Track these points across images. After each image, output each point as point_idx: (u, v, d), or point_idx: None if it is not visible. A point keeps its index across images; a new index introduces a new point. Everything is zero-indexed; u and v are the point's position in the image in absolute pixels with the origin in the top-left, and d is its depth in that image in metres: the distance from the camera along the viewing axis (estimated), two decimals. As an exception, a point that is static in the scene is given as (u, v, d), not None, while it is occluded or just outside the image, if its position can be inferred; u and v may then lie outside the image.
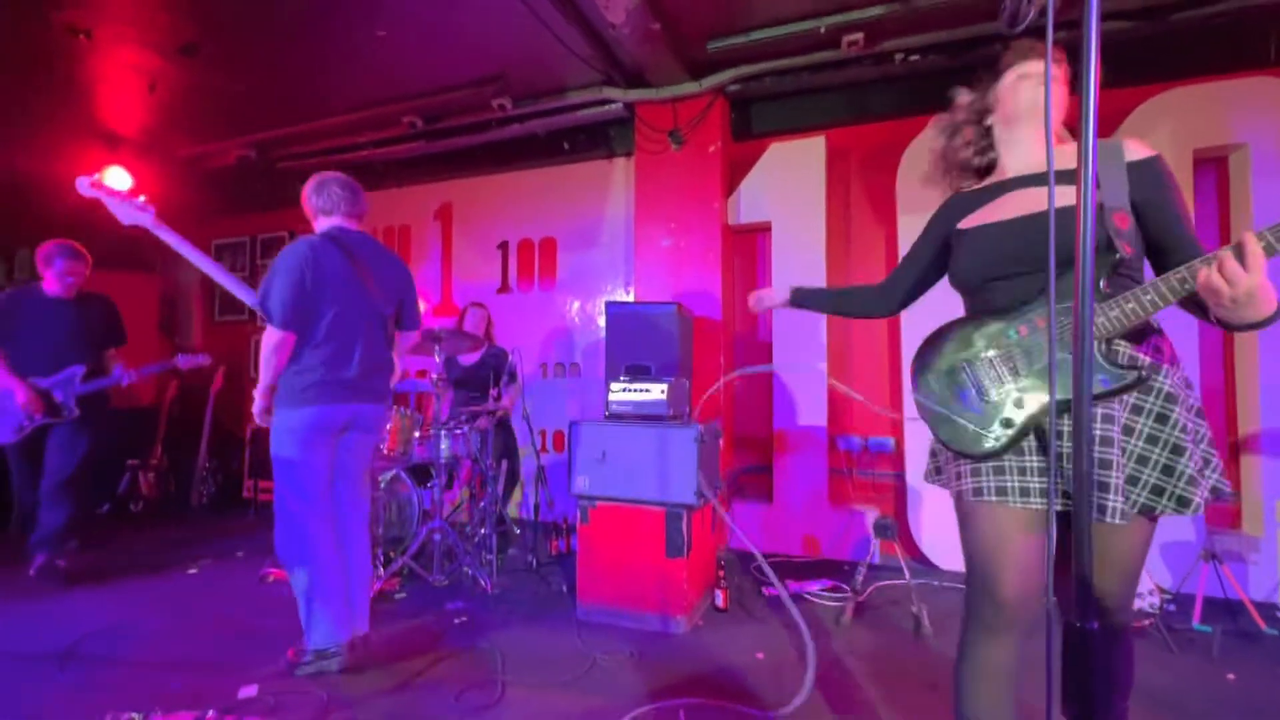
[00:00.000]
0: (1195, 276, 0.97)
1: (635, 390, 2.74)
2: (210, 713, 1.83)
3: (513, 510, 4.10)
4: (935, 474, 1.40)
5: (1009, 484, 1.19)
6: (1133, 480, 1.13)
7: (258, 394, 2.10)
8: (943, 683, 2.10)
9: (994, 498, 1.20)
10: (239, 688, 2.01)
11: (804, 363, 3.68)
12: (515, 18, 3.09)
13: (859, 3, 3.08)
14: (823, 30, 3.20)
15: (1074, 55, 0.68)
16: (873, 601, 2.87)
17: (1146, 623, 2.50)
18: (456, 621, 2.60)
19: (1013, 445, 1.17)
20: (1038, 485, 1.17)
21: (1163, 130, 3.05)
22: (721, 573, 2.83)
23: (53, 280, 3.16)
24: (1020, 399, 1.17)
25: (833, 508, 3.63)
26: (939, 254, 1.42)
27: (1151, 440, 1.14)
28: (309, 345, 2.10)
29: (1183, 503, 1.11)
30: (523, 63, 3.64)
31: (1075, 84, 1.21)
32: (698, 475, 2.50)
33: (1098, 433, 1.12)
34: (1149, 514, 1.14)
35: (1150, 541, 1.19)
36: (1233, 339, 3.11)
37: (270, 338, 2.03)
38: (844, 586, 3.00)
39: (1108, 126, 3.17)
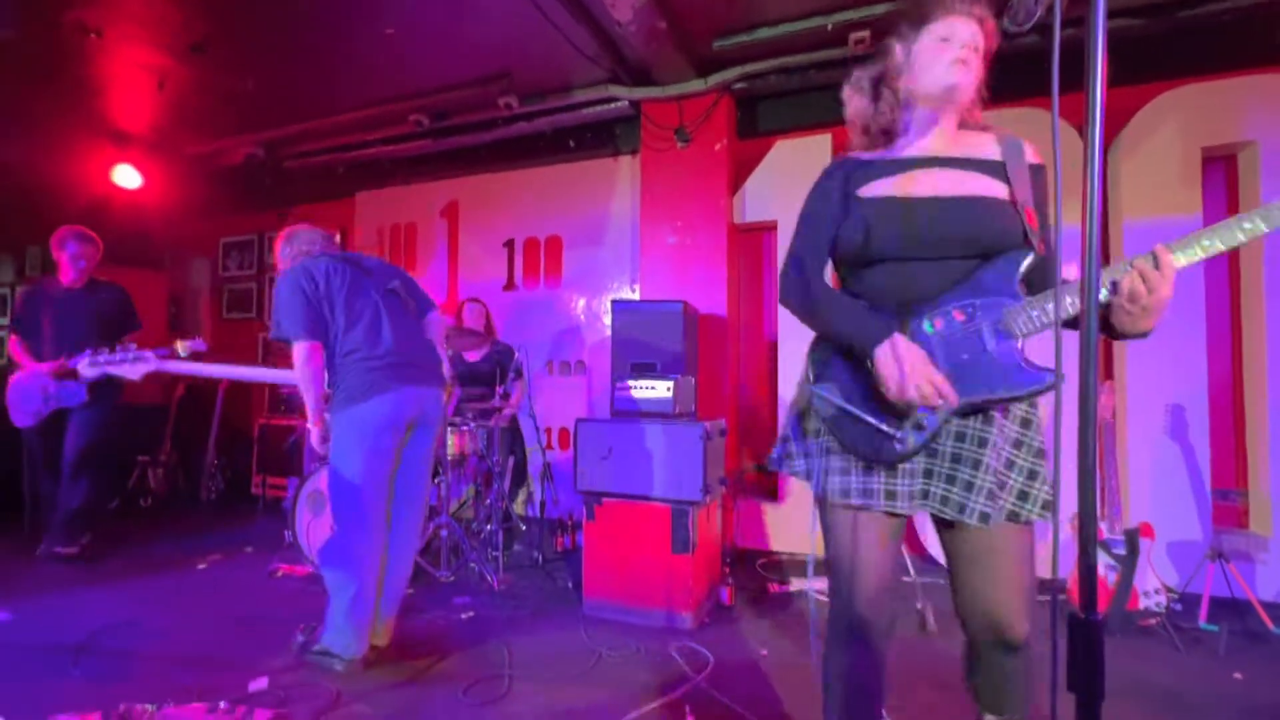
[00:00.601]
0: (1118, 282, 0.98)
1: (641, 388, 2.75)
2: (222, 705, 1.85)
3: (519, 507, 4.12)
4: (787, 459, 1.29)
5: (875, 485, 1.14)
6: (1000, 485, 1.09)
7: (312, 423, 2.08)
8: (950, 681, 2.11)
9: (857, 500, 1.15)
10: (249, 681, 2.03)
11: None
12: (522, 16, 3.10)
13: (865, 0, 3.07)
14: (829, 28, 3.20)
15: (1078, 53, 0.68)
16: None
17: (1153, 621, 2.50)
18: (463, 617, 2.62)
19: (920, 450, 1.10)
20: (905, 489, 1.12)
21: (1171, 127, 3.04)
22: (728, 569, 2.84)
23: (66, 265, 3.31)
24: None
25: (838, 506, 3.64)
26: None
27: (1017, 445, 1.11)
28: (339, 338, 2.09)
29: (1048, 506, 1.09)
30: (529, 61, 3.65)
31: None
32: (704, 472, 2.51)
33: (976, 432, 1.10)
34: (1015, 519, 1.10)
35: (1032, 551, 1.15)
36: (1240, 332, 3.09)
37: (298, 355, 2.03)
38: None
39: (1114, 124, 3.16)
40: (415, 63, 3.70)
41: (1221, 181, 3.16)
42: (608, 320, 4.11)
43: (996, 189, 1.11)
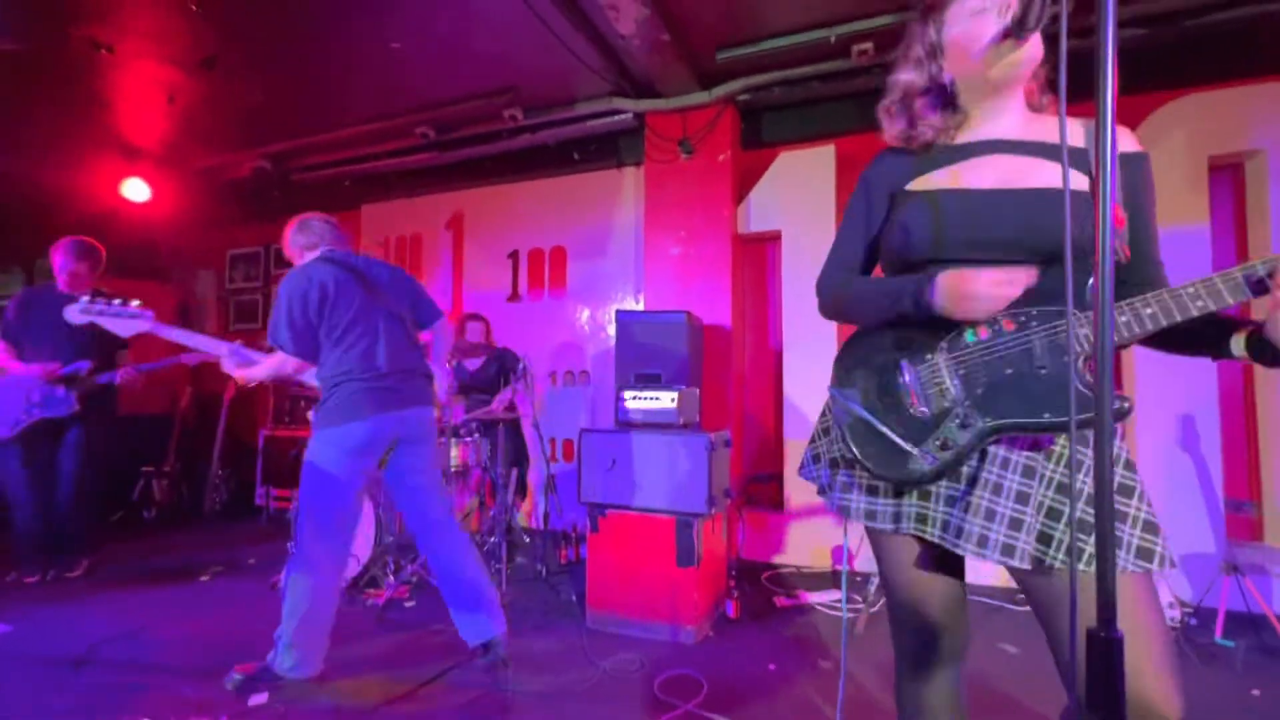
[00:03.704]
0: (1255, 279, 0.79)
1: (645, 398, 2.73)
2: (222, 719, 1.83)
3: (521, 519, 4.09)
4: (813, 462, 1.20)
5: (906, 508, 1.03)
6: (1081, 527, 0.91)
7: (236, 366, 2.06)
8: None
9: (885, 524, 1.05)
10: (249, 695, 2.01)
11: (814, 371, 3.66)
12: (527, 30, 3.12)
13: (868, 12, 3.08)
14: (832, 40, 3.21)
15: (1083, 62, 0.67)
16: (886, 612, 2.83)
17: (1167, 636, 2.45)
18: (466, 630, 2.59)
19: (942, 474, 0.97)
20: (941, 515, 1.00)
21: (1178, 136, 3.03)
22: (733, 582, 2.81)
23: (56, 275, 3.24)
24: (966, 417, 0.95)
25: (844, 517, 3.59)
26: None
27: (1125, 491, 0.94)
28: (330, 359, 2.08)
29: (1144, 555, 0.89)
30: (534, 74, 3.68)
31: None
32: (708, 484, 2.49)
33: (1024, 461, 0.96)
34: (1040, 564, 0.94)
35: (1142, 608, 0.89)
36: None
37: (282, 361, 2.05)
38: (856, 597, 2.96)
39: (1121, 133, 3.15)
40: (421, 77, 3.73)
41: (1229, 190, 3.15)
42: (612, 331, 4.11)
43: (1075, 180, 0.91)
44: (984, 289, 0.92)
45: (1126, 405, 0.86)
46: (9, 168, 4.68)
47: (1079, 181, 0.93)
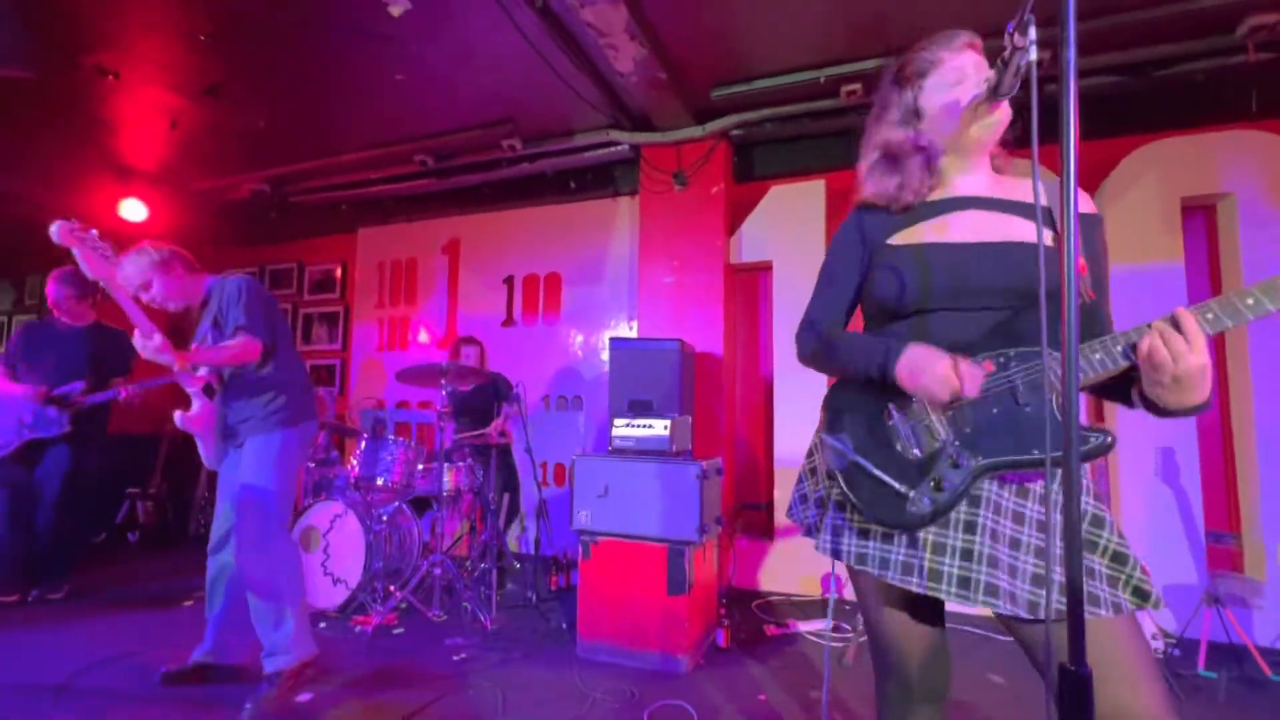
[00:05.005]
0: (1136, 344, 0.89)
1: (638, 426, 2.76)
2: (207, 749, 1.81)
3: (511, 544, 4.07)
4: (800, 503, 1.24)
5: (894, 555, 1.02)
6: (1089, 572, 0.95)
7: (172, 354, 1.93)
8: None
9: (874, 569, 1.04)
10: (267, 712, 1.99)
11: (804, 400, 3.71)
12: (528, 65, 3.22)
13: (857, 55, 3.21)
14: (822, 80, 3.34)
15: (1052, 111, 0.73)
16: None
17: (1151, 667, 2.48)
18: (455, 658, 2.57)
19: (939, 517, 0.98)
20: (945, 568, 0.99)
21: (1151, 177, 3.16)
22: (724, 611, 2.81)
23: (52, 308, 3.28)
24: (958, 457, 0.98)
25: (834, 546, 3.61)
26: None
27: (1096, 523, 0.97)
28: (282, 358, 2.25)
29: (1140, 595, 0.93)
30: (533, 107, 3.78)
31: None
32: (700, 512, 2.51)
33: (1013, 506, 0.99)
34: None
35: (1140, 637, 0.94)
36: (1226, 372, 3.14)
37: (247, 347, 2.09)
38: (845, 626, 2.97)
39: (1098, 174, 3.28)
40: (423, 107, 3.82)
41: (1202, 230, 3.27)
42: (605, 356, 4.15)
43: (1043, 235, 0.96)
44: (943, 371, 0.96)
45: (1109, 440, 0.90)
46: (7, 186, 4.69)
47: (1046, 236, 0.98)
